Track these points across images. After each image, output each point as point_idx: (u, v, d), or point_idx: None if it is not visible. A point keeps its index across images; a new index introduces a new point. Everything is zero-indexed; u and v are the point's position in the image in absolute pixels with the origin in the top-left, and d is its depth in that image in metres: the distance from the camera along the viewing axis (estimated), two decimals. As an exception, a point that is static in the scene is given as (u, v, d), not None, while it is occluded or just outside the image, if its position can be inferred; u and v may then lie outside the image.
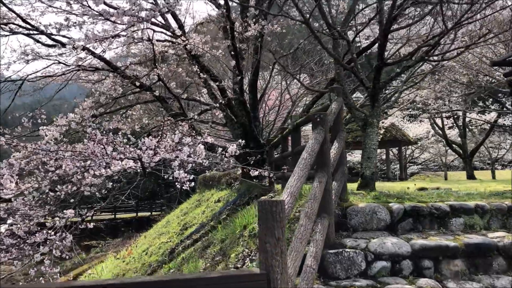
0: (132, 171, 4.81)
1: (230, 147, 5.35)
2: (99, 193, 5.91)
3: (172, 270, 7.52)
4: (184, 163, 4.51)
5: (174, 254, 10.76)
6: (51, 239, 5.29)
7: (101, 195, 5.98)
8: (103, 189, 6.01)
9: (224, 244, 6.49)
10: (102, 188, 5.98)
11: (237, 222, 6.50)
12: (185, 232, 11.66)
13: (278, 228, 2.75)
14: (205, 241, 8.42)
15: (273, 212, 2.74)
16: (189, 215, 13.48)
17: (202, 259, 6.88)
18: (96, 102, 8.08)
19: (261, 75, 14.32)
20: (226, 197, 12.26)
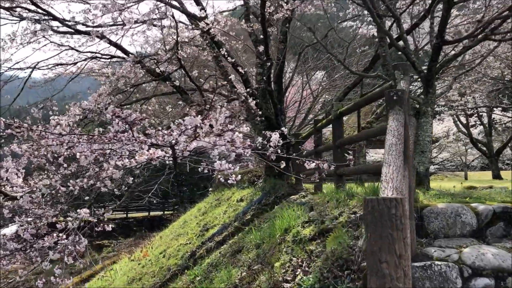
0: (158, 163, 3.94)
1: (273, 136, 4.45)
2: (117, 190, 5.07)
3: (199, 278, 6.65)
4: (225, 152, 3.63)
5: (195, 257, 9.91)
6: (63, 243, 4.45)
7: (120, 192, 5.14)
8: (122, 185, 5.16)
9: (261, 250, 5.61)
10: (121, 184, 5.13)
11: (276, 224, 5.61)
12: (206, 233, 10.80)
13: (399, 240, 1.83)
14: (232, 244, 7.54)
15: (392, 217, 1.82)
16: (209, 215, 12.62)
17: (233, 266, 6.00)
18: (114, 88, 7.24)
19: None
20: (249, 196, 11.38)
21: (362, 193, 5.18)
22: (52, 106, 9.51)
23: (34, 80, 12.41)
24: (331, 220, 4.94)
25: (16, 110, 10.00)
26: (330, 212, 5.37)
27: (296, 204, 7.29)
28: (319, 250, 4.36)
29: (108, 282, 12.50)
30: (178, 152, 3.66)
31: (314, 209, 5.75)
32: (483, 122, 25.55)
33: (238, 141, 3.95)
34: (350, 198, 5.59)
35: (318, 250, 4.36)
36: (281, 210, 7.56)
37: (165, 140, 3.25)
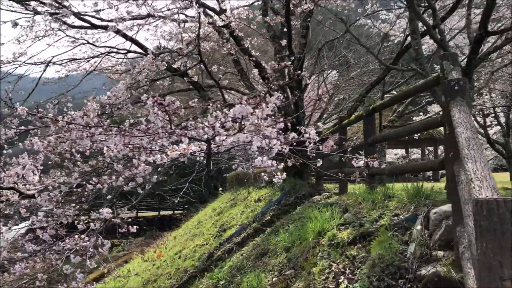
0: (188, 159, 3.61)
1: (311, 132, 4.10)
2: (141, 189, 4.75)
3: (223, 282, 6.31)
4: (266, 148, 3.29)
5: (213, 259, 9.58)
6: (85, 245, 4.13)
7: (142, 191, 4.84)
8: (146, 184, 4.85)
9: (292, 253, 5.26)
10: (146, 183, 4.81)
11: (308, 227, 5.26)
12: (223, 234, 10.46)
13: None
14: (256, 246, 7.20)
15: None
16: (225, 216, 12.29)
17: (261, 270, 5.66)
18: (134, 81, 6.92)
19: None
20: (267, 196, 11.03)
21: (404, 194, 4.81)
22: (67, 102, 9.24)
23: (45, 79, 12.11)
24: (371, 223, 4.58)
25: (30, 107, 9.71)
26: (367, 214, 5.01)
27: (323, 205, 6.93)
28: (362, 256, 4.00)
29: (121, 283, 12.21)
30: (214, 147, 3.33)
31: (348, 211, 5.39)
32: (501, 122, 24.97)
33: (273, 135, 3.61)
34: (388, 199, 5.23)
35: (362, 256, 4.01)
36: (306, 211, 7.21)
37: (202, 134, 2.92)
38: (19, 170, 5.19)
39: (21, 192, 6.32)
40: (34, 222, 4.47)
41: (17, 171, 5.20)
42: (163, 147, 3.40)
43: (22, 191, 6.38)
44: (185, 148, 3.29)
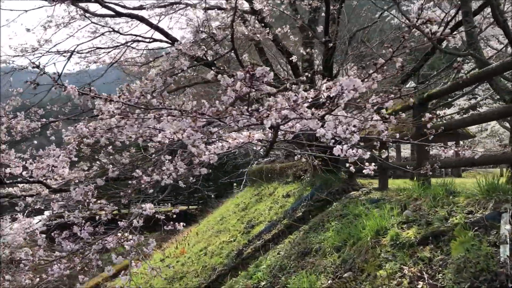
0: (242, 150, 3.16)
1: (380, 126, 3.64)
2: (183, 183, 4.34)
3: (264, 283, 5.89)
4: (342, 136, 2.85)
5: (242, 256, 9.19)
6: (129, 244, 3.74)
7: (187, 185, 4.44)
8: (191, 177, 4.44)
9: (346, 254, 4.82)
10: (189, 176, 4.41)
11: (367, 225, 4.81)
12: (252, 231, 10.07)
13: None
14: (294, 245, 6.78)
15: None
16: (251, 211, 11.89)
17: (307, 271, 5.24)
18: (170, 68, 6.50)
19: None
20: (296, 191, 10.60)
21: (477, 190, 4.34)
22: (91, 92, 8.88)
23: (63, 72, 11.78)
24: (441, 221, 4.13)
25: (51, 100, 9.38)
26: (430, 211, 4.55)
27: (369, 202, 6.49)
28: (440, 258, 3.56)
29: (144, 279, 11.88)
30: (281, 133, 2.90)
31: (406, 207, 4.93)
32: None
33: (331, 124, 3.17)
34: (451, 195, 4.77)
35: (439, 258, 3.56)
36: (348, 208, 6.77)
37: (282, 115, 2.48)
38: (51, 162, 4.83)
39: (48, 186, 5.97)
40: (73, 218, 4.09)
41: (49, 162, 4.84)
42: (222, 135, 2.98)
43: (49, 185, 6.03)
44: (249, 136, 2.87)
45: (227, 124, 2.55)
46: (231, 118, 2.40)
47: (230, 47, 8.97)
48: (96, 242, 3.87)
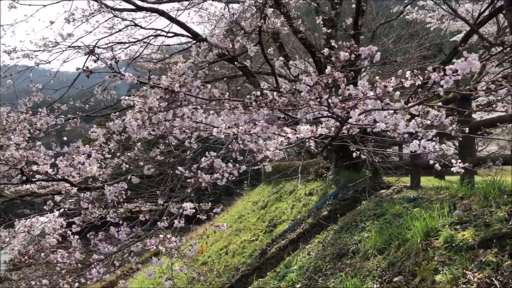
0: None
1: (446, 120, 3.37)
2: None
3: (299, 286, 5.65)
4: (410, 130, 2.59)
5: (267, 256, 8.97)
6: (172, 246, 3.51)
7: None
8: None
9: (392, 256, 4.56)
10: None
11: (414, 225, 4.55)
12: (274, 229, 9.84)
13: None
14: (327, 245, 6.53)
15: None
16: (271, 209, 11.66)
17: (348, 273, 4.99)
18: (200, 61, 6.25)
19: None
20: (320, 190, 10.34)
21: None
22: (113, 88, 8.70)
23: (66, 74, 11.51)
24: (501, 222, 3.86)
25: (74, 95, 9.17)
26: (484, 212, 4.28)
27: (406, 201, 6.22)
28: (509, 263, 3.29)
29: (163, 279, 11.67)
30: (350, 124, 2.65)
31: (455, 207, 4.66)
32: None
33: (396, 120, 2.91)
34: (505, 194, 4.49)
35: (509, 263, 3.29)
36: (383, 207, 6.51)
37: (347, 107, 2.23)
38: (82, 159, 4.62)
39: (74, 184, 5.77)
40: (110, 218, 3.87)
41: (80, 160, 4.63)
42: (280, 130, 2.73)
43: (74, 183, 5.83)
44: (312, 130, 2.62)
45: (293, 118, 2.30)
46: (307, 109, 2.16)
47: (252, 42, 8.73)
48: (135, 244, 3.65)
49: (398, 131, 2.59)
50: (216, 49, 6.10)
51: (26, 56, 7.38)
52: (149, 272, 3.83)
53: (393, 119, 2.48)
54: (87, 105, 8.67)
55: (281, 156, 2.47)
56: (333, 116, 2.49)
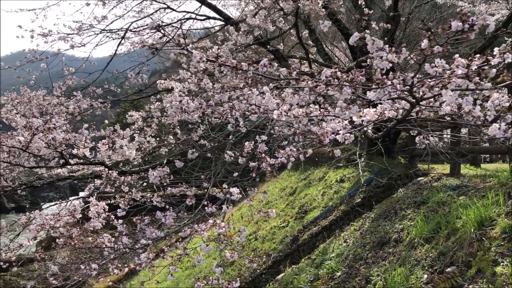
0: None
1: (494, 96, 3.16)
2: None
3: (339, 274, 5.54)
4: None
5: (298, 243, 8.88)
6: (222, 232, 3.43)
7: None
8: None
9: (442, 246, 4.40)
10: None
11: (470, 214, 4.36)
12: (305, 216, 9.72)
13: None
14: (365, 233, 6.39)
15: None
16: (300, 196, 11.54)
17: (391, 262, 4.85)
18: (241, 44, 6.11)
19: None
20: (351, 176, 10.16)
21: None
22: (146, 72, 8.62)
23: (97, 59, 11.47)
24: None
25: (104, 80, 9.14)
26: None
27: (450, 189, 6.01)
28: None
29: (191, 263, 11.74)
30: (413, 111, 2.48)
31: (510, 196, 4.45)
32: None
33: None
34: None
35: None
36: (423, 194, 6.31)
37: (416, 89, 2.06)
38: (124, 142, 4.56)
39: (110, 167, 5.74)
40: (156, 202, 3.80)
41: (122, 143, 4.57)
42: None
43: (111, 167, 5.79)
44: (381, 113, 2.46)
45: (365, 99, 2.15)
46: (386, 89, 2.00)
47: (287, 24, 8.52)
48: (182, 229, 3.58)
49: (473, 114, 2.41)
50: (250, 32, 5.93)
51: (62, 38, 7.36)
52: (198, 258, 3.76)
53: (467, 101, 2.30)
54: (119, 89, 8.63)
55: (351, 139, 2.33)
56: (405, 98, 2.33)
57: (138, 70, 7.84)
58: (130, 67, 8.00)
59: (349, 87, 2.05)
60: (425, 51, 1.78)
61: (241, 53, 7.05)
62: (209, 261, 10.85)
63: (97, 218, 3.87)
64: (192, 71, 6.48)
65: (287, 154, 2.43)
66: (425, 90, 1.97)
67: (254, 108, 2.57)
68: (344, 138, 2.26)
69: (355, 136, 3.14)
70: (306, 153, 2.39)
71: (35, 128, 3.79)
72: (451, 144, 7.67)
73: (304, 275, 6.37)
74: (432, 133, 3.80)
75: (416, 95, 2.20)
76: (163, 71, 35.96)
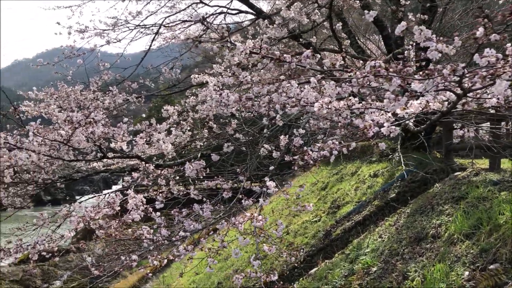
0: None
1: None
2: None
3: (375, 269, 5.47)
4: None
5: (331, 237, 8.81)
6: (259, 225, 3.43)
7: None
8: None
9: (484, 243, 4.27)
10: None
11: (508, 210, 4.22)
12: (338, 211, 9.64)
13: None
14: (401, 228, 6.28)
15: None
16: (332, 191, 11.44)
17: (428, 258, 4.75)
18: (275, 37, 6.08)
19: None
20: (385, 171, 9.98)
21: None
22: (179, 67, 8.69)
23: (130, 55, 11.59)
24: None
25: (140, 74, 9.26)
26: None
27: (491, 184, 5.83)
28: None
29: (223, 256, 11.84)
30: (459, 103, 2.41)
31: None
32: None
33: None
34: None
35: None
36: (462, 190, 6.15)
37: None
38: (162, 136, 4.62)
39: (145, 161, 5.82)
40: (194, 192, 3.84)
41: (159, 137, 4.64)
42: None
43: (146, 160, 5.88)
44: (425, 105, 2.39)
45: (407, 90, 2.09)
46: (439, 78, 1.94)
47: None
48: (219, 222, 3.61)
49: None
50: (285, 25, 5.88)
51: (98, 34, 7.52)
52: (235, 251, 3.78)
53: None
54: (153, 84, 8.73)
55: (396, 132, 2.28)
56: (451, 89, 2.26)
57: (171, 65, 7.92)
58: (164, 62, 8.09)
59: (398, 78, 2.00)
60: (479, 40, 1.71)
61: (275, 46, 7.01)
62: (241, 255, 10.90)
63: (136, 210, 3.94)
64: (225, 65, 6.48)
65: (329, 147, 2.40)
66: (476, 81, 1.90)
67: (294, 101, 2.55)
68: (389, 131, 2.21)
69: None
70: (350, 146, 2.35)
71: (76, 122, 3.90)
72: (493, 138, 7.42)
73: (338, 270, 6.33)
74: (477, 126, 3.68)
75: (464, 86, 2.13)
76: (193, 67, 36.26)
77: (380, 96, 2.61)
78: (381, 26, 8.84)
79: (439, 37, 2.00)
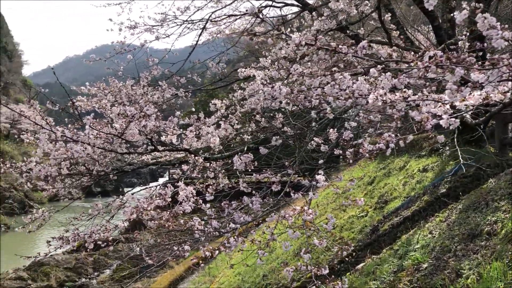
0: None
1: None
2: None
3: (426, 266, 5.34)
4: None
5: (378, 233, 8.67)
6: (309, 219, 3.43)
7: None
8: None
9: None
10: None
11: None
12: (386, 206, 9.46)
13: None
14: (453, 225, 6.08)
15: None
16: (379, 185, 11.24)
17: (484, 256, 4.58)
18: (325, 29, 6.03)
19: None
20: (435, 166, 9.69)
21: None
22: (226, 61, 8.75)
23: (175, 50, 11.72)
24: None
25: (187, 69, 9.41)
26: None
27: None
28: None
29: (268, 249, 11.90)
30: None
31: None
32: None
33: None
34: None
35: None
36: None
37: None
38: (211, 129, 4.70)
39: (194, 153, 5.93)
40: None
41: (209, 130, 4.71)
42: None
43: (194, 153, 5.98)
44: (486, 96, 2.29)
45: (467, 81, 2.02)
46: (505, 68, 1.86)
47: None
48: (270, 215, 3.63)
49: None
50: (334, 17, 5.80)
51: (148, 30, 7.72)
52: (285, 243, 3.80)
53: None
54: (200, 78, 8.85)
55: (456, 124, 2.20)
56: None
57: (218, 59, 8.01)
58: (211, 57, 8.18)
59: (461, 68, 1.93)
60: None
61: (324, 38, 6.91)
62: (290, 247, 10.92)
63: (187, 202, 4.03)
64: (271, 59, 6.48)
65: (386, 140, 2.35)
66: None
67: (348, 93, 2.52)
68: (449, 123, 2.14)
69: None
70: (407, 139, 2.30)
71: (131, 116, 4.03)
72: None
73: (387, 266, 6.22)
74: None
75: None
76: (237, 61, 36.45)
77: (437, 87, 2.53)
78: (431, 16, 8.53)
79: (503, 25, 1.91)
